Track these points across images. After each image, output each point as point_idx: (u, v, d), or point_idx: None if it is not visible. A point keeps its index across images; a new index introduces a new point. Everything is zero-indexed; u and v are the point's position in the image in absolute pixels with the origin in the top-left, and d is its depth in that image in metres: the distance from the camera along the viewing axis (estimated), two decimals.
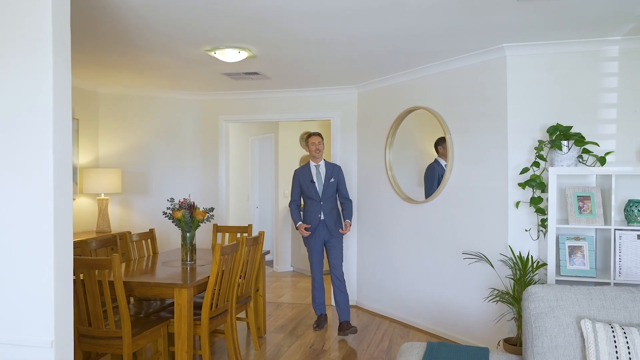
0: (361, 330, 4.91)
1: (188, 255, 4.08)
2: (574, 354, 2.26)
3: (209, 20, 3.40)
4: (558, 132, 3.66)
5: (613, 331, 2.18)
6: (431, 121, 4.75)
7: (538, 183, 3.75)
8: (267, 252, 4.82)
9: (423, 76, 4.84)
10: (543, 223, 3.81)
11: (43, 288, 2.18)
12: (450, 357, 2.39)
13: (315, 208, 4.85)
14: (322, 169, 4.93)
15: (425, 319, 4.86)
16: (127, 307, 3.13)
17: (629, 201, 3.54)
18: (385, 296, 5.37)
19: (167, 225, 5.78)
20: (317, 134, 4.96)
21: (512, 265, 3.82)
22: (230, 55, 4.09)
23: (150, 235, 4.66)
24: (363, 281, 5.73)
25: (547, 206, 3.62)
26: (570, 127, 3.66)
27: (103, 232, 5.26)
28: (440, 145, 4.79)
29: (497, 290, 3.90)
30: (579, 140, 3.59)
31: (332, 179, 4.90)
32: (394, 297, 5.24)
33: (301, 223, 4.89)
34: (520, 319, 3.65)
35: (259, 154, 8.77)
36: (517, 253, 3.90)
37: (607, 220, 3.54)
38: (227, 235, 5.15)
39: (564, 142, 3.61)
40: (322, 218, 4.84)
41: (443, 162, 4.75)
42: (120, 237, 4.40)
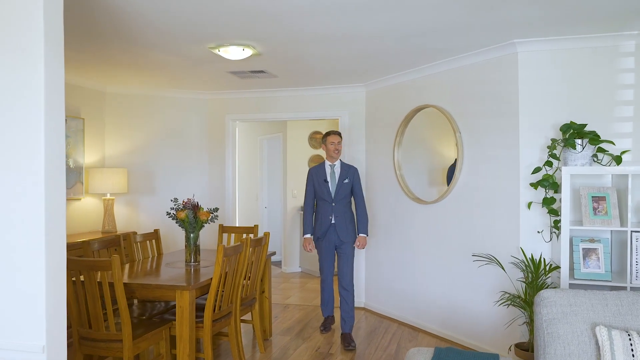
0: (369, 333, 4.82)
1: (192, 256, 4.02)
2: None
3: (212, 16, 3.33)
4: (572, 131, 3.54)
5: (630, 339, 2.07)
6: (441, 120, 4.65)
7: (551, 183, 3.63)
8: (273, 253, 4.75)
9: (432, 74, 4.73)
10: (556, 224, 3.69)
11: (34, 291, 2.12)
12: None
13: (326, 209, 4.62)
14: (337, 169, 4.67)
15: (434, 322, 4.75)
16: (128, 310, 3.07)
17: None
18: (393, 298, 5.27)
19: (174, 225, 5.73)
20: (337, 133, 4.69)
21: (524, 267, 3.70)
22: (234, 52, 4.02)
23: (154, 235, 4.60)
24: (371, 283, 5.64)
25: (560, 207, 3.50)
26: (584, 125, 3.54)
27: (109, 233, 5.23)
28: None
29: (508, 293, 3.79)
30: (594, 138, 3.47)
31: (347, 180, 4.63)
32: (403, 300, 5.14)
33: (308, 236, 4.68)
34: (532, 324, 3.53)
35: (268, 154, 8.72)
36: (529, 255, 3.79)
37: (624, 221, 3.41)
38: (233, 235, 5.09)
39: (578, 141, 3.49)
40: (333, 221, 4.58)
41: None
42: (124, 238, 4.35)
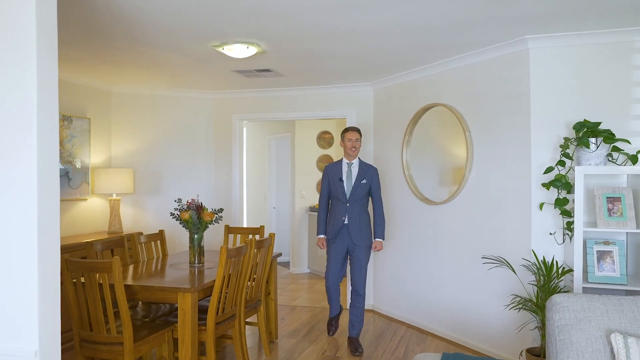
0: (377, 336, 4.73)
1: (196, 257, 3.97)
2: None
3: (214, 13, 3.26)
4: (585, 129, 3.42)
5: None
6: (450, 119, 4.54)
7: (563, 183, 3.52)
8: (279, 255, 4.68)
9: (441, 71, 4.63)
10: (569, 226, 3.57)
11: (26, 294, 2.06)
12: None
13: (340, 210, 4.36)
14: (355, 168, 4.40)
15: (443, 325, 4.65)
16: (128, 312, 3.02)
17: None
18: (402, 301, 5.18)
19: (180, 225, 5.69)
20: (355, 130, 4.43)
21: (536, 270, 3.59)
22: (238, 50, 3.95)
23: (159, 236, 4.56)
24: (379, 285, 5.55)
25: (574, 208, 3.38)
26: (598, 124, 3.42)
27: (115, 233, 5.19)
28: None
29: (520, 297, 3.68)
30: (609, 137, 3.35)
31: (364, 180, 4.36)
32: (411, 302, 5.04)
33: (322, 237, 4.50)
34: (544, 328, 3.42)
35: (276, 154, 8.66)
36: (541, 258, 3.68)
37: None
38: (239, 236, 5.03)
39: (592, 140, 3.38)
40: (346, 222, 4.33)
41: None
42: (128, 239, 4.31)
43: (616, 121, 3.57)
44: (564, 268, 3.54)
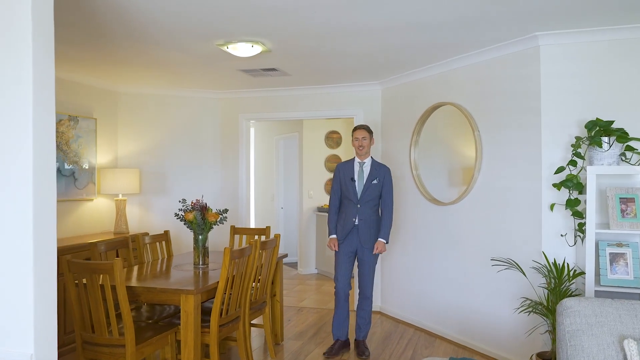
0: (384, 338, 4.66)
1: (200, 258, 3.93)
2: None
3: (218, 11, 3.21)
4: (597, 128, 3.33)
5: None
6: (459, 118, 4.47)
7: (575, 184, 3.43)
8: (285, 256, 4.63)
9: (449, 70, 4.55)
10: (581, 227, 3.48)
11: (21, 297, 2.02)
12: None
13: (350, 210, 4.23)
14: (367, 167, 4.25)
15: (451, 328, 4.57)
16: (130, 314, 2.98)
17: None
18: (409, 302, 5.10)
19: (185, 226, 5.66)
20: (362, 128, 4.28)
21: (546, 273, 3.51)
22: (243, 49, 3.91)
23: (164, 237, 4.53)
24: (387, 286, 5.48)
25: (586, 209, 3.29)
26: (611, 122, 3.33)
27: (121, 234, 5.18)
28: None
29: (530, 300, 3.60)
30: (622, 136, 3.25)
31: (376, 181, 4.21)
32: (419, 304, 4.96)
33: (334, 237, 4.32)
34: (554, 332, 3.34)
35: (284, 154, 8.62)
36: (552, 260, 3.58)
37: None
38: (245, 237, 4.98)
39: (605, 139, 3.28)
40: (357, 223, 4.19)
41: None
42: (132, 240, 4.28)
43: (629, 120, 3.47)
44: (576, 271, 3.45)
